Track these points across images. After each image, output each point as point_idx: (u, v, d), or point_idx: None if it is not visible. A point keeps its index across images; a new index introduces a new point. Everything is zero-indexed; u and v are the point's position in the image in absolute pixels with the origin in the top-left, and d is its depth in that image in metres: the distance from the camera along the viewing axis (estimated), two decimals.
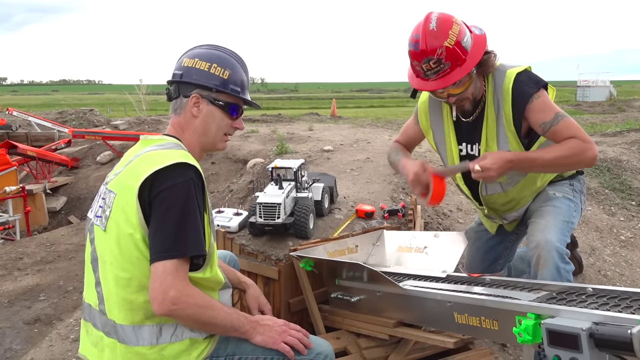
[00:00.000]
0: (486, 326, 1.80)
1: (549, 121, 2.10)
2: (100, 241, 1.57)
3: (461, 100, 2.18)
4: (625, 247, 4.28)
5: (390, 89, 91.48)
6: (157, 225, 1.46)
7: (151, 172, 1.47)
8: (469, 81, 2.11)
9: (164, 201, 1.46)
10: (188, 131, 1.70)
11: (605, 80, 36.87)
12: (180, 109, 1.70)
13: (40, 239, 6.30)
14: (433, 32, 1.99)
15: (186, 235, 1.46)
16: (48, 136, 11.62)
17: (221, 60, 1.70)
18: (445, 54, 2.00)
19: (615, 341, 1.36)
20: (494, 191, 2.37)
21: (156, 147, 1.60)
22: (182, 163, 1.50)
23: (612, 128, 9.64)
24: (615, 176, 5.61)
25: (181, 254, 1.45)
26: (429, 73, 2.06)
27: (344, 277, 2.46)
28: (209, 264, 1.58)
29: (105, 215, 1.55)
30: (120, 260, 1.49)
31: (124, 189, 1.51)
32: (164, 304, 1.42)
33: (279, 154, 6.15)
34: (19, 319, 3.70)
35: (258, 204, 2.87)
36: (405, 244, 2.69)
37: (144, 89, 21.89)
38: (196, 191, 1.50)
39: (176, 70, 1.71)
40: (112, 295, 1.52)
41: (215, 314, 1.51)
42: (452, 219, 4.07)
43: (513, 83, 2.14)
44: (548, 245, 2.09)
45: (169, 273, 1.42)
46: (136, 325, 1.51)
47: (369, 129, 9.47)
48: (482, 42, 2.11)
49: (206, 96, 1.68)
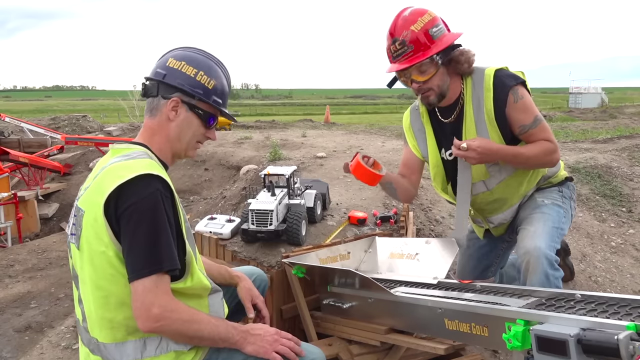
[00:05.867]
0: (476, 332, 1.81)
1: (528, 124, 2.22)
2: (76, 259, 1.54)
3: (425, 90, 2.26)
4: (615, 253, 4.31)
5: (384, 96, 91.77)
6: (129, 244, 1.42)
7: (114, 187, 1.42)
8: (434, 71, 2.20)
9: (132, 218, 1.42)
10: (160, 135, 1.64)
11: (597, 87, 37.24)
12: (156, 110, 1.64)
13: (32, 246, 6.25)
14: (405, 17, 2.16)
15: (159, 251, 1.43)
16: (40, 142, 11.56)
17: (208, 68, 1.67)
18: (410, 37, 2.13)
19: (602, 347, 1.37)
20: (479, 190, 2.39)
21: (121, 158, 1.54)
22: (146, 175, 1.45)
23: (603, 135, 9.74)
24: (606, 183, 5.65)
25: (157, 269, 1.42)
26: (395, 55, 2.19)
27: (336, 283, 2.46)
28: (189, 273, 1.55)
29: (78, 234, 1.51)
30: (95, 279, 1.47)
31: (91, 206, 1.47)
32: (148, 322, 1.41)
33: (272, 161, 6.16)
34: (10, 326, 3.67)
35: (250, 211, 2.87)
36: (397, 251, 2.70)
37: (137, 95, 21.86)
38: (164, 202, 1.46)
39: (159, 68, 1.65)
40: (92, 313, 1.50)
41: (201, 327, 1.49)
42: (444, 225, 4.09)
43: (493, 78, 2.24)
44: (537, 252, 2.10)
45: (149, 290, 1.40)
46: (119, 343, 1.49)
47: (362, 136, 9.51)
48: (452, 37, 2.21)
49: (186, 102, 1.63)
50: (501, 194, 2.39)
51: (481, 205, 2.46)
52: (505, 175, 2.34)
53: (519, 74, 2.28)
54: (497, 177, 2.34)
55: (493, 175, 2.33)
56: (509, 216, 2.49)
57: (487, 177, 2.34)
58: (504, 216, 2.49)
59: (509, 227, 2.55)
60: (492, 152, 2.17)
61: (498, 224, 2.53)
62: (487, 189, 2.38)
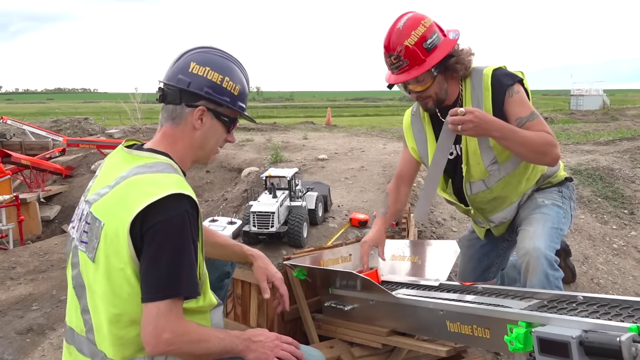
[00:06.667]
0: (478, 334, 1.81)
1: (525, 117, 2.20)
2: (87, 271, 1.48)
3: (424, 98, 2.29)
4: (617, 255, 4.30)
5: (385, 98, 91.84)
6: (150, 263, 1.38)
7: (143, 206, 1.37)
8: (431, 81, 2.22)
9: (156, 237, 1.37)
10: (182, 143, 1.59)
11: (599, 89, 37.21)
12: (179, 119, 1.57)
13: (34, 248, 6.25)
14: (398, 30, 2.16)
15: (181, 275, 1.39)
16: (42, 145, 11.60)
17: (233, 73, 1.62)
18: (404, 52, 2.15)
19: (604, 349, 1.37)
20: (478, 189, 2.39)
21: (145, 170, 1.47)
22: (177, 195, 1.41)
23: (605, 137, 9.73)
24: (608, 185, 5.65)
25: (175, 294, 1.40)
26: (392, 67, 2.22)
27: (337, 285, 2.46)
28: (202, 293, 1.54)
29: (92, 245, 1.44)
30: (110, 296, 1.42)
31: (113, 220, 1.41)
32: (158, 347, 1.39)
33: (273, 163, 6.17)
34: (11, 328, 3.67)
35: (252, 213, 2.88)
36: (398, 253, 2.70)
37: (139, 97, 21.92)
38: (191, 222, 1.42)
39: (181, 74, 1.57)
40: (104, 329, 1.45)
41: (209, 345, 1.48)
42: (445, 227, 4.08)
43: (491, 78, 2.24)
44: (536, 252, 2.10)
45: (162, 315, 1.37)
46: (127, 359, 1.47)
47: (363, 138, 9.51)
48: (448, 46, 2.20)
49: (212, 109, 1.59)
50: (500, 192, 2.39)
51: (481, 204, 2.46)
52: (504, 173, 2.33)
53: (518, 73, 2.28)
54: (497, 176, 2.34)
55: (492, 174, 2.33)
56: (510, 214, 2.48)
57: (487, 176, 2.34)
58: (504, 215, 2.49)
59: (510, 226, 2.55)
60: (489, 121, 2.10)
61: (499, 222, 2.53)
62: (487, 187, 2.38)
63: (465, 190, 2.42)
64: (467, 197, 2.44)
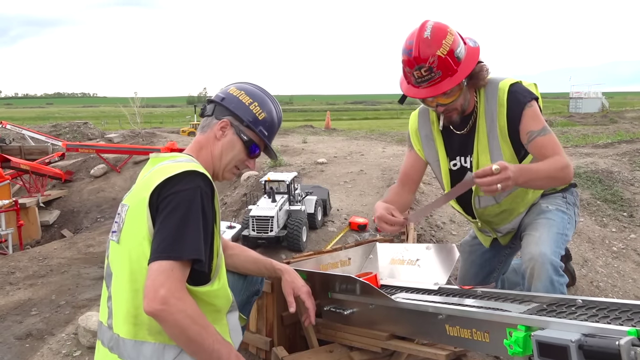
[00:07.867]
0: (477, 338, 1.80)
1: (536, 131, 2.14)
2: (114, 255, 1.59)
3: (450, 110, 2.19)
4: (617, 258, 4.30)
5: (384, 101, 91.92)
6: (159, 227, 1.47)
7: (161, 180, 1.50)
8: (459, 92, 2.13)
9: (168, 205, 1.47)
10: (206, 150, 1.75)
11: (598, 92, 37.26)
12: (207, 128, 1.77)
13: (33, 253, 6.25)
14: (427, 40, 2.00)
15: (184, 238, 1.45)
16: (42, 149, 11.62)
17: (264, 103, 1.80)
18: (437, 63, 2.01)
19: (603, 353, 1.37)
20: (487, 203, 2.38)
21: (170, 162, 1.64)
22: (192, 171, 1.53)
23: (604, 139, 9.74)
24: (607, 187, 5.65)
25: (177, 256, 1.44)
26: (420, 81, 2.07)
27: (336, 289, 2.45)
28: (218, 275, 1.58)
29: (119, 228, 1.58)
30: (130, 272, 1.51)
31: (137, 201, 1.54)
32: (153, 302, 1.39)
33: (273, 167, 6.17)
34: (10, 333, 3.67)
35: (251, 217, 2.88)
36: (397, 257, 2.70)
37: (139, 101, 21.95)
38: (203, 198, 1.51)
39: (221, 92, 1.81)
40: (121, 307, 1.53)
41: (203, 332, 1.45)
42: (445, 230, 4.08)
43: (508, 94, 2.18)
44: (542, 258, 2.09)
45: (162, 272, 1.41)
46: (138, 341, 1.49)
47: (362, 141, 9.52)
48: (475, 54, 2.12)
49: (236, 126, 1.75)
50: (509, 205, 2.38)
51: (489, 217, 2.45)
52: (515, 188, 2.29)
53: (532, 87, 2.23)
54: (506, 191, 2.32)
55: None
56: (517, 224, 2.47)
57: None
58: (511, 225, 2.48)
59: (515, 233, 2.54)
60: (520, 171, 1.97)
61: (506, 232, 2.53)
62: (496, 202, 2.36)
63: (474, 204, 2.40)
64: (474, 210, 2.42)
